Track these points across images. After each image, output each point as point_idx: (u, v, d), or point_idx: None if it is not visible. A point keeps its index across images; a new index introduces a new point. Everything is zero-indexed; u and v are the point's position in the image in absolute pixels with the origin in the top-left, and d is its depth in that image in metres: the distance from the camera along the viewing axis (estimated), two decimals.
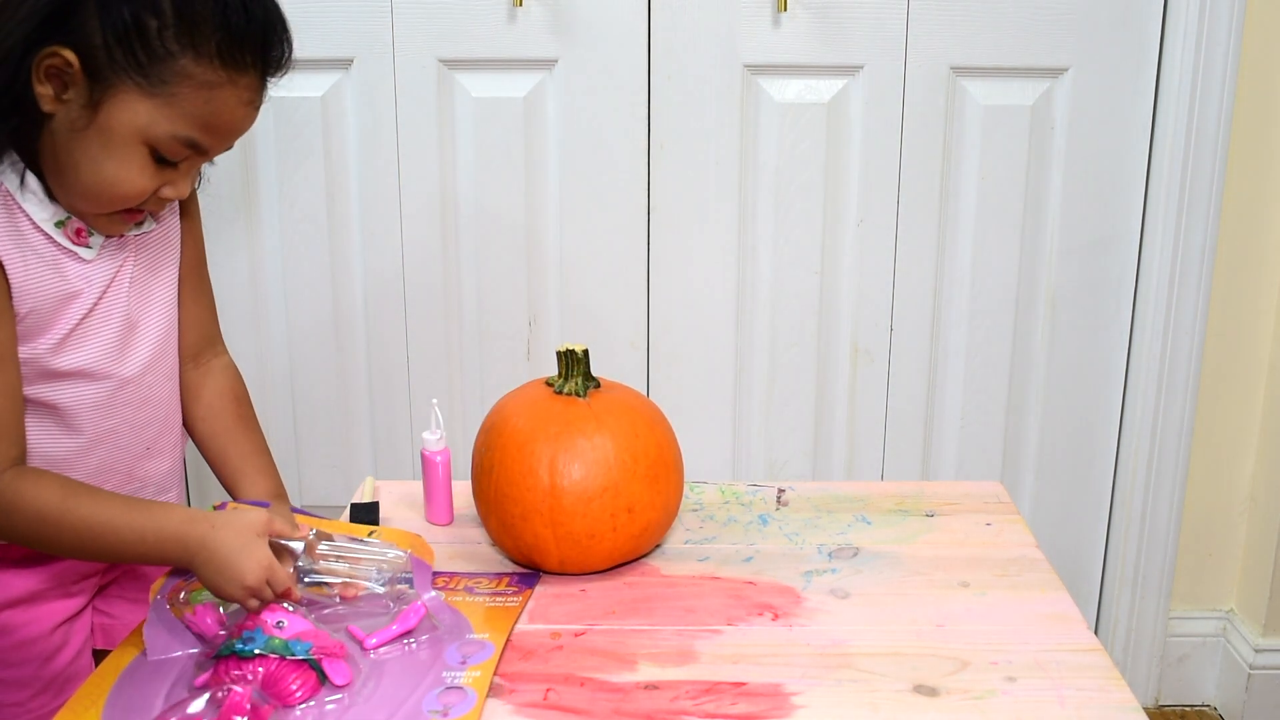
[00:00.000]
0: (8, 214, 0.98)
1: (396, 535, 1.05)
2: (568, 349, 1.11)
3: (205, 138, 0.98)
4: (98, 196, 0.99)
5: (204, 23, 0.94)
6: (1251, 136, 1.68)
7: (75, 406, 1.04)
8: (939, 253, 1.74)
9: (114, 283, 1.05)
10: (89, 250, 1.03)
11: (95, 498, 0.98)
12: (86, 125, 0.96)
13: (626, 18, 1.64)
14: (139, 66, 0.94)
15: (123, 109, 0.95)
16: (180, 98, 0.95)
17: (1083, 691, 0.91)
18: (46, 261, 1.00)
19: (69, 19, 0.93)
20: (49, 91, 0.95)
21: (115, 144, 0.96)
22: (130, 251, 1.07)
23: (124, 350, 1.06)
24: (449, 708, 0.87)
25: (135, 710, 0.87)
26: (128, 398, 1.07)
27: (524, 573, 1.09)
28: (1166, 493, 1.80)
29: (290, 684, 0.88)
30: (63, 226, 1.01)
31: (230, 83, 0.97)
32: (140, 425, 1.09)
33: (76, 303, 1.02)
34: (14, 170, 0.99)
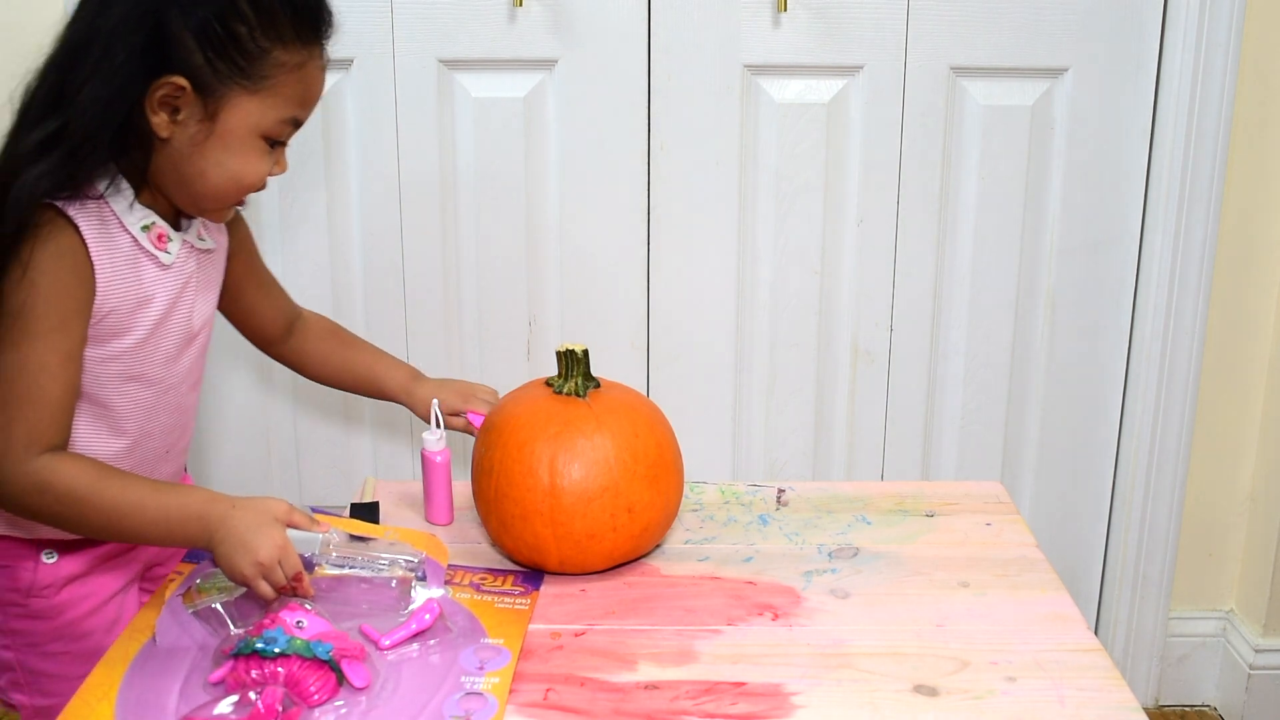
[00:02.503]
0: (102, 222, 1.05)
1: (412, 536, 1.06)
2: (568, 349, 1.11)
3: (303, 112, 1.09)
4: (226, 194, 1.08)
5: (278, 14, 1.04)
6: (1251, 136, 1.68)
7: (127, 409, 1.11)
8: (939, 253, 1.74)
9: (182, 293, 1.12)
10: (168, 255, 1.09)
11: (124, 480, 1.02)
12: (207, 136, 1.04)
13: (626, 18, 1.64)
14: (241, 71, 1.03)
15: (236, 112, 1.04)
16: (279, 85, 1.05)
17: (1083, 691, 0.91)
18: (129, 263, 1.06)
19: (167, 50, 1.01)
20: (164, 119, 1.03)
21: (236, 144, 1.05)
22: (195, 267, 1.14)
23: (177, 359, 1.13)
24: (471, 713, 0.87)
25: (149, 705, 0.87)
26: (167, 403, 1.14)
27: (527, 571, 1.09)
28: (1166, 493, 1.80)
29: (310, 685, 0.87)
30: (147, 230, 1.08)
31: (310, 57, 1.07)
32: (168, 430, 1.16)
33: (151, 308, 1.09)
34: (112, 182, 1.05)
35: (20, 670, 1.16)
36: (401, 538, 1.06)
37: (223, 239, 1.20)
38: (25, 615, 1.14)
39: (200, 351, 1.18)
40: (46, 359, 1.01)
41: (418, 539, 1.06)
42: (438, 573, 1.03)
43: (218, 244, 1.19)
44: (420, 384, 1.29)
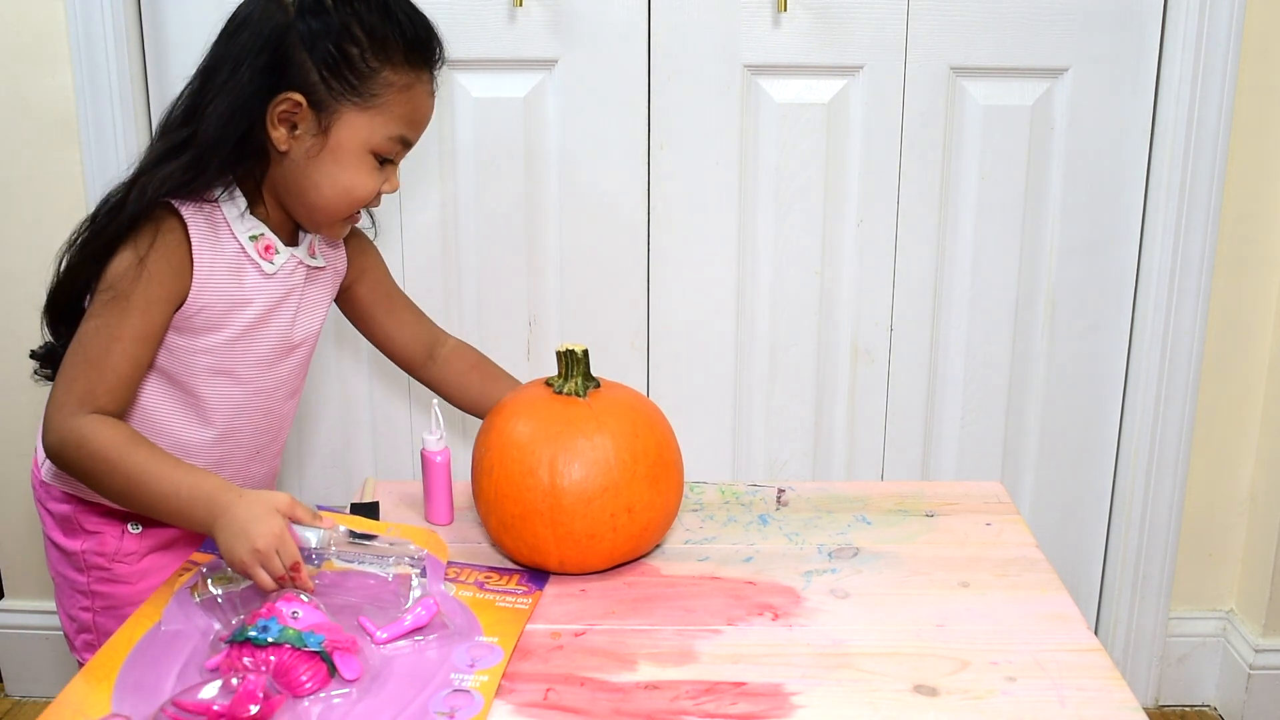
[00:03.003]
0: (212, 225, 1.14)
1: (413, 533, 1.07)
2: (568, 349, 1.11)
3: (410, 131, 1.17)
4: (339, 206, 1.16)
5: (389, 37, 1.13)
6: (1251, 136, 1.68)
7: (215, 402, 1.19)
8: (939, 253, 1.74)
9: (282, 304, 1.20)
10: (271, 265, 1.18)
11: (150, 452, 1.06)
12: (320, 150, 1.13)
13: (626, 18, 1.64)
14: (353, 89, 1.12)
15: (347, 128, 1.13)
16: (388, 104, 1.14)
17: (1083, 691, 0.91)
18: (231, 266, 1.15)
19: (286, 68, 1.11)
20: (283, 133, 1.13)
21: (346, 159, 1.14)
22: (301, 281, 1.22)
23: (272, 365, 1.22)
24: (455, 710, 0.87)
25: (146, 688, 0.88)
26: (259, 405, 1.22)
27: (533, 571, 1.09)
28: (1166, 493, 1.80)
29: (300, 675, 0.89)
30: (256, 240, 1.17)
31: (419, 80, 1.16)
32: (259, 431, 1.24)
33: (246, 310, 1.17)
34: (228, 193, 1.15)
35: (96, 632, 1.26)
36: (402, 535, 1.06)
37: (338, 261, 1.28)
38: (108, 579, 1.24)
39: (299, 363, 1.25)
40: (122, 333, 1.09)
41: (418, 536, 1.07)
42: (438, 569, 1.04)
43: (330, 264, 1.27)
44: None
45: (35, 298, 1.75)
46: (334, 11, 1.12)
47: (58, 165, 1.71)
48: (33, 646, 1.90)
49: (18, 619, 1.89)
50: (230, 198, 1.15)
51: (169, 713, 0.83)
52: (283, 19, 1.12)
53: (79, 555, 1.24)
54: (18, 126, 1.70)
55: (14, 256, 1.76)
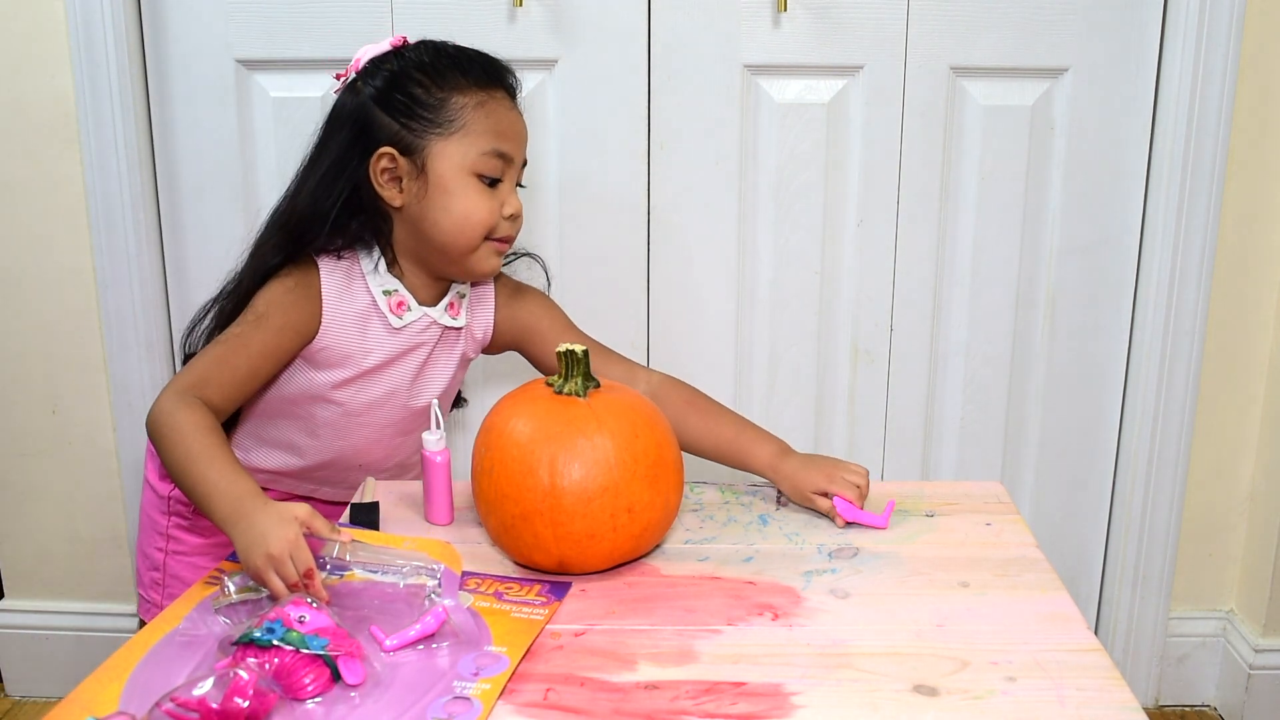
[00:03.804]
0: (347, 278, 1.26)
1: (428, 545, 1.09)
2: (568, 349, 1.11)
3: (502, 143, 1.23)
4: (466, 235, 1.23)
5: (449, 71, 1.23)
6: (1251, 136, 1.68)
7: (321, 422, 1.31)
8: (939, 253, 1.74)
9: (404, 358, 1.29)
10: (398, 320, 1.27)
11: (215, 444, 1.12)
12: (426, 190, 1.22)
13: (626, 18, 1.64)
14: (431, 122, 1.21)
15: (440, 159, 1.21)
16: (469, 124, 1.22)
17: (1083, 691, 0.91)
18: (359, 316, 1.26)
19: (371, 132, 1.22)
20: (393, 191, 1.23)
21: (451, 186, 1.22)
22: (434, 339, 1.31)
23: (381, 407, 1.31)
24: (453, 716, 0.87)
25: (154, 687, 0.89)
26: (365, 435, 1.33)
27: (556, 581, 1.09)
28: (1166, 493, 1.80)
29: (303, 678, 0.89)
30: (389, 295, 1.27)
31: (490, 95, 1.23)
32: (361, 451, 1.34)
33: (367, 358, 1.27)
34: (368, 253, 1.27)
35: (164, 572, 1.39)
36: (419, 548, 1.08)
37: (484, 319, 1.36)
38: (186, 528, 1.38)
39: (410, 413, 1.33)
40: (251, 343, 1.21)
41: (433, 548, 1.08)
42: (452, 581, 1.04)
43: (475, 326, 1.35)
44: (788, 460, 1.24)
45: (36, 297, 1.76)
46: (392, 67, 1.23)
47: (58, 165, 1.71)
48: (33, 646, 1.90)
49: (18, 619, 1.89)
50: (371, 258, 1.26)
51: (166, 708, 0.84)
52: (354, 99, 1.24)
53: (167, 499, 1.37)
54: (18, 126, 1.70)
55: (14, 256, 1.75)
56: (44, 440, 1.82)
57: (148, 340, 1.74)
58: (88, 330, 1.77)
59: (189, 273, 1.74)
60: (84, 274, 1.74)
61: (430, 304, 1.30)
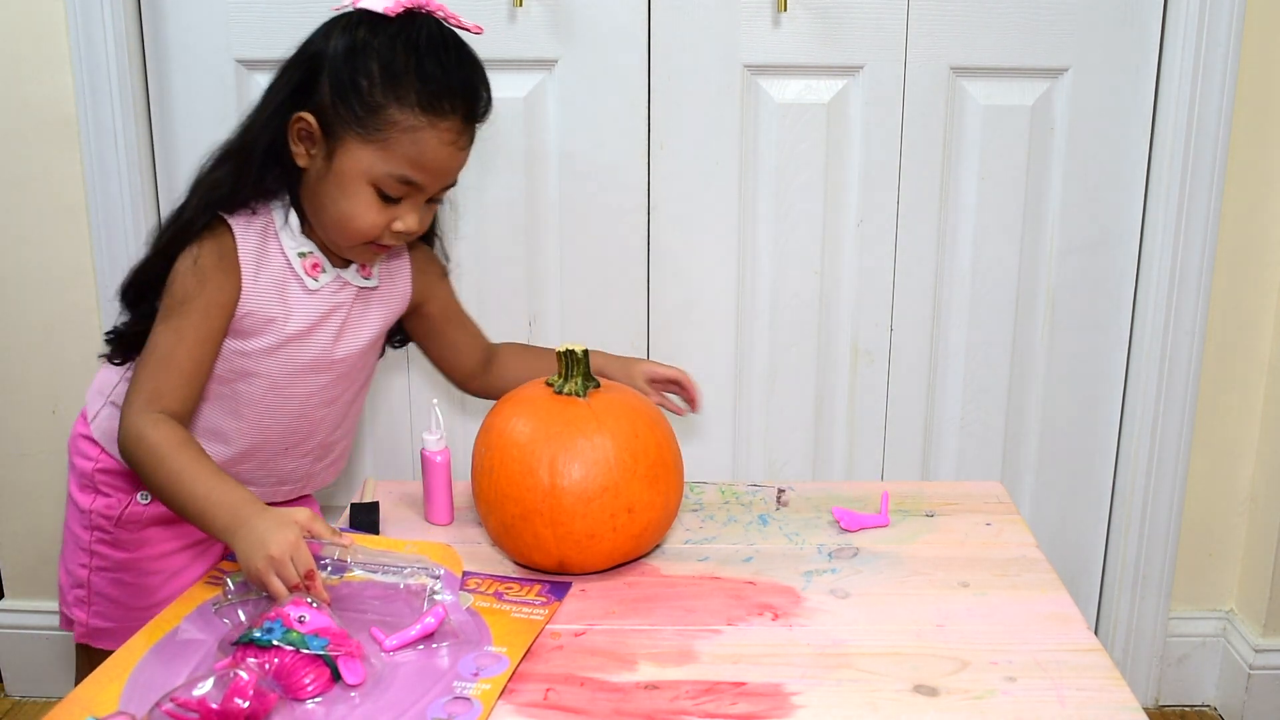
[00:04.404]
0: (262, 239, 1.20)
1: (429, 548, 1.08)
2: (568, 349, 1.11)
3: (417, 174, 1.16)
4: (341, 231, 1.19)
5: (404, 77, 1.13)
6: (1251, 136, 1.68)
7: (247, 398, 1.25)
8: (939, 253, 1.74)
9: (324, 320, 1.24)
10: (315, 283, 1.22)
11: (197, 457, 1.11)
12: (326, 173, 1.17)
13: (626, 18, 1.64)
14: (357, 119, 1.14)
15: (349, 157, 1.15)
16: (391, 142, 1.14)
17: (1083, 691, 0.91)
18: (277, 280, 1.21)
19: (310, 89, 1.16)
20: (302, 150, 1.18)
21: (347, 185, 1.16)
22: (349, 300, 1.26)
23: (306, 375, 1.26)
24: (453, 716, 0.87)
25: (155, 688, 0.89)
26: (291, 409, 1.27)
27: (555, 581, 1.09)
28: (1166, 493, 1.80)
29: (303, 677, 0.89)
30: (304, 258, 1.22)
31: (431, 126, 1.14)
32: (290, 431, 1.29)
33: (288, 323, 1.22)
34: (283, 209, 1.22)
35: (89, 589, 1.33)
36: (418, 551, 1.08)
37: (398, 284, 1.31)
38: (107, 543, 1.31)
39: (338, 380, 1.28)
40: (185, 334, 1.17)
41: (434, 551, 1.08)
42: (453, 584, 1.04)
43: (389, 286, 1.30)
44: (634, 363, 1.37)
45: (36, 296, 1.76)
46: (360, 41, 1.15)
47: (58, 165, 1.71)
48: (33, 646, 1.90)
49: (18, 619, 1.89)
50: (284, 214, 1.22)
51: (166, 708, 0.84)
52: (324, 43, 1.17)
53: (89, 513, 1.31)
54: (18, 126, 1.70)
55: (14, 256, 1.75)
56: (44, 440, 1.82)
57: None
58: (88, 330, 1.77)
59: None
60: (84, 274, 1.74)
61: (342, 265, 1.25)
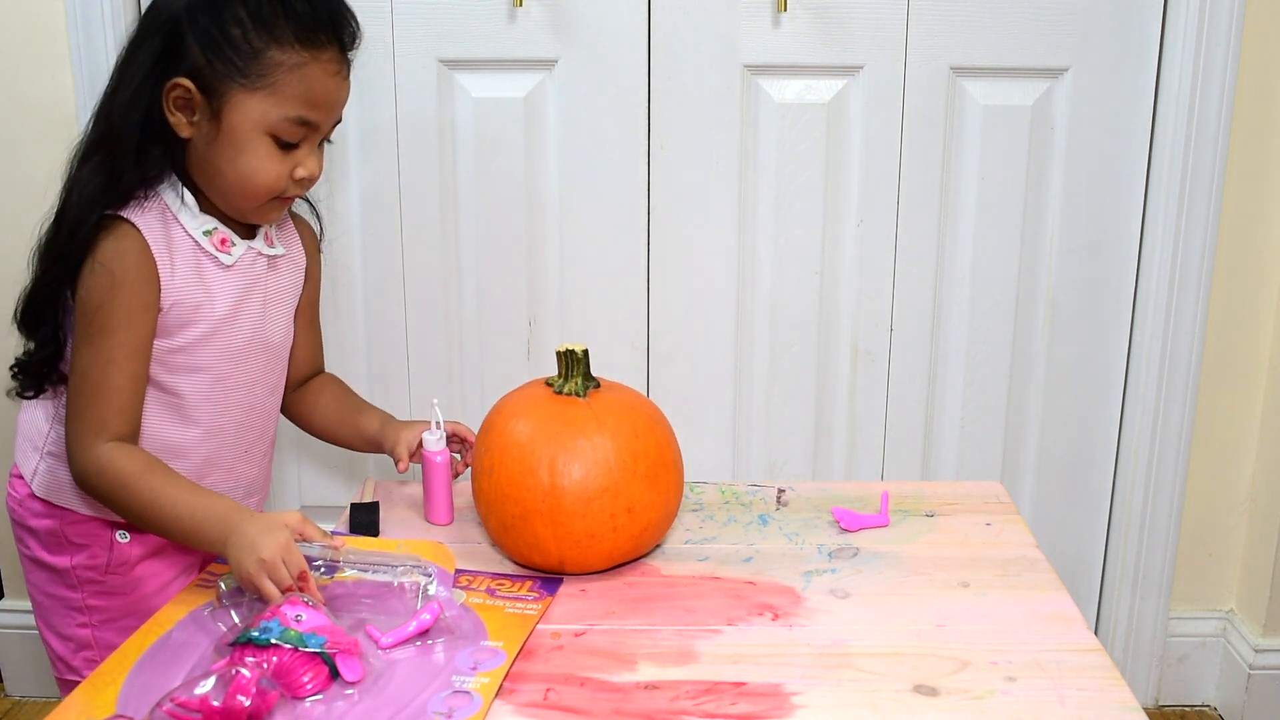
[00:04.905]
0: (164, 225, 1.14)
1: (421, 547, 1.09)
2: (568, 349, 1.11)
3: (311, 112, 1.13)
4: (245, 191, 1.14)
5: (276, 17, 1.10)
6: (1251, 136, 1.68)
7: (195, 399, 1.19)
8: (939, 253, 1.74)
9: (248, 296, 1.20)
10: (229, 257, 1.17)
11: (169, 477, 1.09)
12: (216, 135, 1.12)
13: (626, 18, 1.64)
14: (238, 70, 1.10)
15: (238, 110, 1.11)
16: (279, 84, 1.10)
17: (1083, 691, 0.91)
18: (191, 266, 1.15)
19: (176, 54, 1.10)
20: (182, 119, 1.12)
21: (242, 141, 1.11)
22: (264, 271, 1.22)
23: (246, 358, 1.21)
24: (454, 710, 0.87)
25: (153, 691, 0.89)
26: (239, 401, 1.22)
27: (546, 577, 1.09)
28: (1166, 493, 1.80)
29: (301, 676, 0.89)
30: (210, 235, 1.17)
31: (314, 59, 1.12)
32: (245, 428, 1.24)
33: (214, 306, 1.17)
34: (173, 189, 1.15)
35: (97, 647, 1.24)
36: (412, 549, 1.08)
37: (298, 251, 1.28)
38: (103, 592, 1.23)
39: (277, 359, 1.26)
40: (114, 353, 1.11)
41: (426, 549, 1.08)
42: (446, 580, 1.05)
43: (290, 253, 1.26)
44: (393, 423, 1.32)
45: None
46: None
47: (58, 165, 1.70)
48: (33, 647, 1.90)
49: (18, 619, 1.89)
50: (177, 195, 1.15)
51: (166, 709, 0.84)
52: (176, 4, 1.11)
53: (70, 571, 1.22)
54: (18, 126, 1.70)
55: (14, 257, 1.75)
56: None
57: None
58: None
59: None
60: None
61: (249, 237, 1.21)
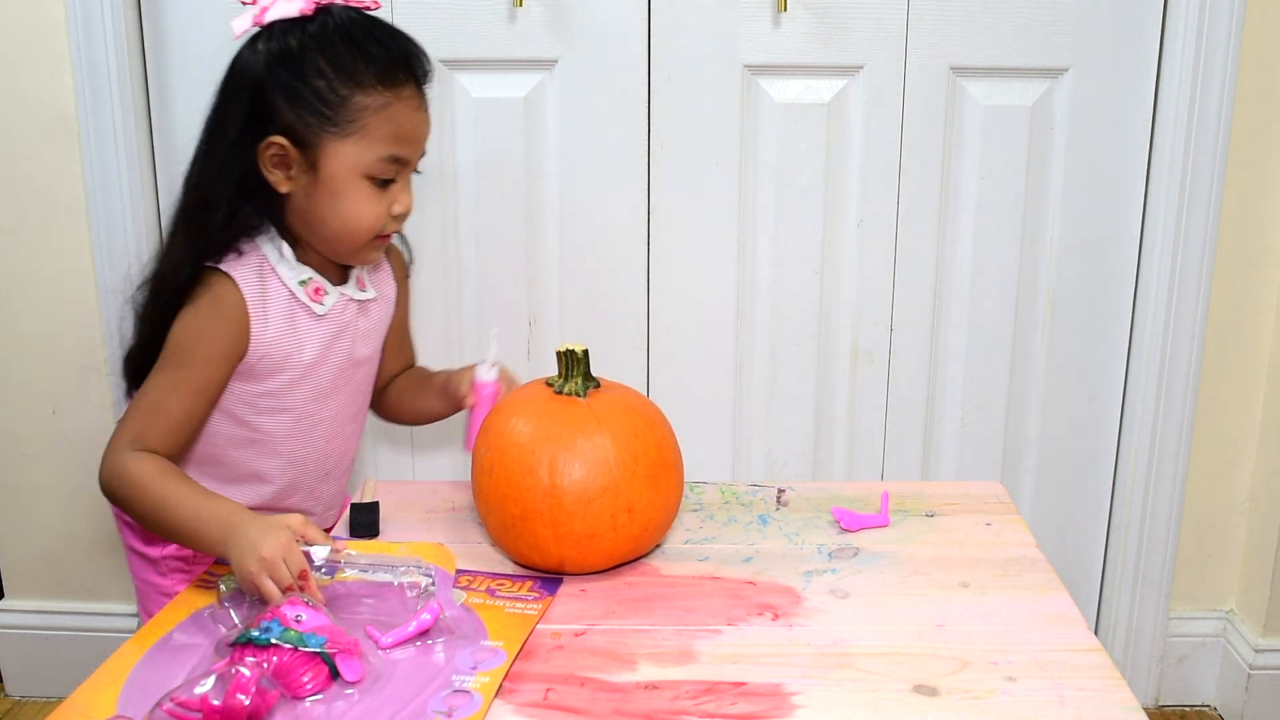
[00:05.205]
0: (260, 277, 1.19)
1: (424, 549, 1.09)
2: (568, 349, 1.11)
3: (401, 149, 1.17)
4: (348, 235, 1.18)
5: (355, 63, 1.14)
6: (1251, 136, 1.68)
7: (279, 435, 1.24)
8: (939, 253, 1.74)
9: (336, 341, 1.24)
10: (322, 307, 1.22)
11: (180, 482, 1.11)
12: (314, 186, 1.16)
13: (626, 18, 1.64)
14: (328, 119, 1.14)
15: (333, 159, 1.15)
16: (367, 127, 1.15)
17: (1083, 691, 0.91)
18: (285, 316, 1.20)
19: (264, 114, 1.15)
20: (280, 176, 1.16)
21: (340, 188, 1.16)
22: (354, 316, 1.26)
23: (330, 396, 1.26)
24: (454, 709, 0.87)
25: (153, 691, 0.89)
26: (322, 433, 1.27)
27: (546, 577, 1.09)
28: (1166, 493, 1.80)
29: (301, 676, 0.89)
30: (305, 285, 1.21)
31: (396, 98, 1.16)
32: (325, 455, 1.29)
33: (303, 353, 1.21)
34: (272, 242, 1.20)
35: None
36: (413, 552, 1.08)
37: (388, 286, 1.32)
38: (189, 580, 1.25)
39: (359, 392, 1.30)
40: (180, 385, 1.16)
41: (427, 551, 1.09)
42: (447, 581, 1.05)
43: (381, 293, 1.30)
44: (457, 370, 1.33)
45: (36, 297, 1.76)
46: (297, 49, 1.14)
47: (58, 165, 1.71)
48: (33, 646, 1.90)
49: (18, 619, 1.89)
50: (275, 247, 1.20)
51: (166, 708, 0.84)
52: (257, 65, 1.16)
53: (161, 561, 1.28)
54: (18, 126, 1.70)
55: (14, 257, 1.75)
56: (44, 440, 1.82)
57: None
58: (88, 330, 1.77)
59: None
60: (84, 274, 1.74)
61: (341, 282, 1.25)
